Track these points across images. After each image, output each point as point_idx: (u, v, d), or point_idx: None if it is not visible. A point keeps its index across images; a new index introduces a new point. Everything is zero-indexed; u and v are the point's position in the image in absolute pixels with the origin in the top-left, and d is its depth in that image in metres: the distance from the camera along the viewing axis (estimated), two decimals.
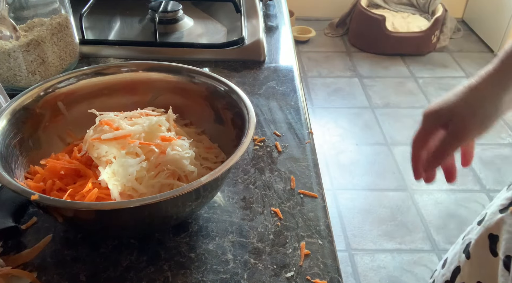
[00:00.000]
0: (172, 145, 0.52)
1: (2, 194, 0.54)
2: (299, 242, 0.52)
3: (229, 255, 0.51)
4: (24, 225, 0.52)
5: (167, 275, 0.48)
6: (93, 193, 0.47)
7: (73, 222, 0.50)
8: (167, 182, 0.50)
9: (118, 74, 0.62)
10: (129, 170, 0.49)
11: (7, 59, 0.69)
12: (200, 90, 0.61)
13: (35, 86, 0.57)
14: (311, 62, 2.78)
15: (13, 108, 0.54)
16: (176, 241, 0.52)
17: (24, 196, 0.43)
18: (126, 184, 0.49)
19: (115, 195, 0.48)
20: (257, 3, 1.01)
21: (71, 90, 0.59)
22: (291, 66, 0.86)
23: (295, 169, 0.62)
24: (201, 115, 0.61)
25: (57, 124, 0.58)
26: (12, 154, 0.51)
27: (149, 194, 0.49)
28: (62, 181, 0.51)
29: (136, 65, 0.62)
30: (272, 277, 0.49)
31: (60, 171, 0.52)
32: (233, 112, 0.57)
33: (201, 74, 0.61)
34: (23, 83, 0.72)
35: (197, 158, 0.55)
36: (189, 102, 0.61)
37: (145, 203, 0.42)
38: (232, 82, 0.59)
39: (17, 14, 0.71)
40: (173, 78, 0.62)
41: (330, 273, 0.49)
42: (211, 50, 0.86)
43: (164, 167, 0.51)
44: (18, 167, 0.51)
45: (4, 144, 0.50)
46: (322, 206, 0.57)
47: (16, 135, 0.53)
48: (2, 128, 0.51)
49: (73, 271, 0.48)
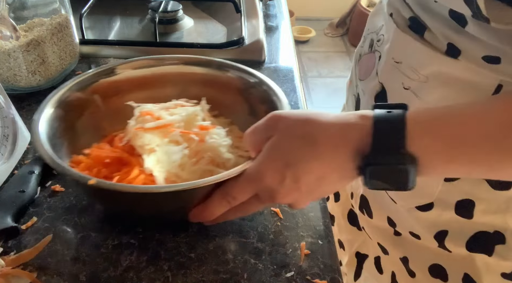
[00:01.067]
0: (210, 133, 0.54)
1: (2, 194, 0.54)
2: (299, 242, 0.52)
3: (229, 255, 0.51)
4: (24, 225, 0.52)
5: (167, 275, 0.48)
6: (140, 179, 0.49)
7: (127, 207, 0.52)
8: (207, 168, 0.52)
9: (149, 68, 0.64)
10: (173, 157, 0.51)
11: (7, 59, 0.69)
12: (233, 82, 0.62)
13: (74, 79, 0.59)
14: (311, 62, 2.78)
15: (57, 98, 0.56)
16: (176, 241, 0.52)
17: (81, 182, 0.45)
18: (170, 171, 0.51)
19: (161, 181, 0.49)
20: (257, 3, 1.01)
21: (106, 83, 0.61)
22: (291, 66, 0.86)
23: None
24: (232, 107, 0.63)
25: (93, 116, 0.60)
26: (58, 143, 0.53)
27: (191, 180, 0.50)
28: (107, 169, 0.53)
29: (172, 59, 0.64)
30: (272, 277, 0.49)
31: (105, 159, 0.54)
32: (267, 105, 0.58)
33: (234, 68, 0.63)
34: (23, 83, 0.72)
35: (231, 146, 0.56)
36: (218, 93, 0.63)
37: (213, 182, 0.45)
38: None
39: (17, 14, 0.71)
40: (203, 70, 0.64)
41: (330, 273, 0.49)
42: (211, 50, 0.86)
43: (203, 154, 0.53)
44: (62, 156, 0.53)
45: (52, 133, 0.52)
46: (322, 206, 0.57)
47: (59, 125, 0.55)
48: (49, 117, 0.54)
49: (73, 271, 0.48)
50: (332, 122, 0.41)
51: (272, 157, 0.43)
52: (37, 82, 0.73)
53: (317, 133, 0.41)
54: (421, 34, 0.50)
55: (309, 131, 0.41)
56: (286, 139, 0.42)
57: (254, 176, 0.43)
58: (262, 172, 0.43)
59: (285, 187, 0.42)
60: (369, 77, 0.59)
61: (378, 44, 0.58)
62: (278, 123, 0.43)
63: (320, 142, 0.41)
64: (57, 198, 0.56)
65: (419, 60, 0.50)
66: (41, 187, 0.58)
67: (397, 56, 0.53)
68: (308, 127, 0.42)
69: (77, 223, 0.53)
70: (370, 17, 0.64)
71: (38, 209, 0.55)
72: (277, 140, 0.42)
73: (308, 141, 0.41)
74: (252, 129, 0.46)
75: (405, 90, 0.52)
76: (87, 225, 0.53)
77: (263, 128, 0.45)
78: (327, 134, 0.41)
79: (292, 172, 0.41)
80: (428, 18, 0.49)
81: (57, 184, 0.58)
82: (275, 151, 0.43)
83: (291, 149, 0.42)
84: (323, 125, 0.41)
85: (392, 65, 0.54)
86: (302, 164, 0.41)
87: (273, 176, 0.42)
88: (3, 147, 0.58)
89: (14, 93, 0.73)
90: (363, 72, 0.61)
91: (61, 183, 0.58)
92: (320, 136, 0.41)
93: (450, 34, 0.46)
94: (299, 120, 0.42)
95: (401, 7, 0.53)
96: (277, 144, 0.42)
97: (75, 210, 0.55)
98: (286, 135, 0.42)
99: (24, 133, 0.62)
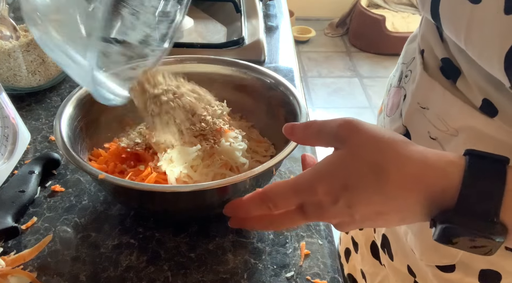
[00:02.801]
0: (226, 136, 0.54)
1: (2, 194, 0.54)
2: (299, 242, 0.52)
3: (229, 255, 0.51)
4: (24, 225, 0.52)
5: (167, 275, 0.48)
6: (152, 177, 0.50)
7: (141, 205, 0.53)
8: (220, 171, 0.52)
9: (172, 65, 0.63)
10: (186, 158, 0.52)
11: (7, 59, 0.69)
12: (254, 85, 0.62)
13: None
14: (311, 62, 2.78)
15: (80, 94, 0.56)
16: (176, 241, 0.52)
17: (92, 176, 0.46)
18: (182, 171, 0.51)
19: (172, 181, 0.50)
20: (257, 3, 1.01)
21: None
22: (291, 66, 0.86)
23: (295, 169, 0.62)
24: (253, 110, 0.63)
25: (116, 110, 0.60)
26: (78, 137, 0.54)
27: (203, 182, 0.50)
28: (124, 164, 0.54)
29: (193, 58, 0.65)
30: (272, 277, 0.49)
31: (122, 154, 0.55)
32: (286, 108, 0.58)
33: (255, 70, 0.63)
34: (23, 83, 0.72)
35: (248, 151, 0.56)
36: (241, 96, 0.63)
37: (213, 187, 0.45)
38: None
39: (17, 14, 0.71)
40: (228, 72, 0.64)
41: (330, 273, 0.49)
42: (211, 50, 0.86)
43: (217, 157, 0.53)
44: (82, 149, 0.54)
45: (72, 128, 0.53)
46: None
47: (81, 119, 0.56)
48: (70, 113, 0.54)
49: (73, 271, 0.48)
50: (412, 158, 0.34)
51: (332, 173, 0.37)
52: (37, 82, 0.73)
53: (390, 168, 0.35)
54: (453, 79, 0.43)
55: (381, 161, 0.35)
56: (353, 159, 0.36)
57: (304, 186, 0.38)
58: (315, 186, 0.37)
59: (337, 209, 0.37)
60: (394, 116, 0.53)
61: (405, 81, 0.51)
62: (351, 137, 0.37)
63: (391, 179, 0.34)
64: (57, 198, 0.56)
65: (448, 111, 0.44)
66: (41, 187, 0.58)
67: (423, 101, 0.46)
68: (382, 156, 0.35)
69: (77, 223, 0.53)
70: (406, 44, 0.56)
71: (38, 209, 0.55)
72: (342, 156, 0.37)
73: (377, 172, 0.35)
74: (317, 127, 0.40)
75: (431, 139, 0.46)
76: (87, 225, 0.53)
77: (333, 134, 0.38)
78: (402, 173, 0.34)
79: (348, 197, 0.36)
80: (465, 63, 0.42)
81: (57, 184, 0.58)
82: (337, 167, 0.37)
83: (355, 172, 0.36)
84: (401, 159, 0.35)
85: (418, 109, 0.47)
86: (362, 194, 0.35)
87: (326, 193, 0.37)
88: (3, 147, 0.58)
89: (14, 93, 0.73)
90: (390, 108, 0.54)
91: (61, 183, 0.58)
92: (392, 171, 0.34)
93: (488, 89, 0.39)
94: (376, 143, 0.36)
95: (436, 44, 0.46)
96: (342, 161, 0.37)
97: (75, 210, 0.55)
98: (355, 155, 0.36)
99: (24, 133, 0.62)
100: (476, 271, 0.47)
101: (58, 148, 0.58)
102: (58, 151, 0.62)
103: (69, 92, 0.61)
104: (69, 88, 0.77)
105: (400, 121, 0.51)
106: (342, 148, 0.37)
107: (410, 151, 0.35)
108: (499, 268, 0.46)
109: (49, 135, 0.66)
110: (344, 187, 0.36)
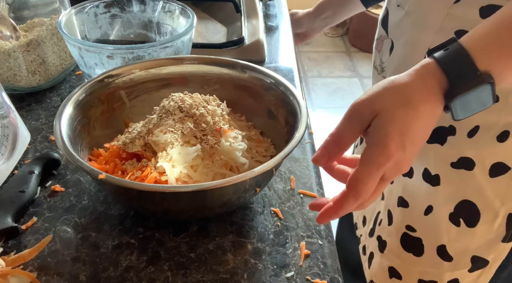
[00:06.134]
0: (226, 136, 0.55)
1: (2, 194, 0.54)
2: (299, 242, 0.52)
3: (229, 255, 0.51)
4: (24, 225, 0.52)
5: (167, 275, 0.48)
6: (152, 177, 0.50)
7: (139, 205, 0.53)
8: (220, 171, 0.53)
9: (174, 66, 0.64)
10: (186, 158, 0.52)
11: (7, 59, 0.69)
12: (254, 85, 0.62)
13: (99, 75, 0.60)
14: (311, 62, 2.78)
15: (79, 94, 0.57)
16: (176, 241, 0.52)
17: (92, 176, 0.46)
18: (182, 171, 0.51)
19: (172, 181, 0.50)
20: (257, 3, 1.01)
21: (132, 80, 0.62)
22: (291, 66, 0.86)
23: (295, 169, 0.62)
24: (253, 110, 0.63)
25: (118, 111, 0.62)
26: (78, 137, 0.54)
27: (203, 182, 0.51)
28: (124, 164, 0.54)
29: (193, 58, 0.65)
30: (272, 277, 0.49)
31: (122, 154, 0.55)
32: (286, 108, 0.58)
33: (255, 70, 0.63)
34: (23, 83, 0.72)
35: (248, 151, 0.56)
36: (241, 96, 0.63)
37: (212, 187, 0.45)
38: None
39: (17, 14, 0.71)
40: (228, 72, 0.64)
41: (330, 273, 0.49)
42: (211, 50, 0.86)
43: (217, 157, 0.53)
44: (82, 149, 0.54)
45: (72, 128, 0.53)
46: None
47: (82, 119, 0.56)
48: (70, 113, 0.54)
49: (73, 271, 0.48)
50: (411, 80, 0.44)
51: (387, 133, 0.43)
52: (37, 82, 0.73)
53: (411, 95, 0.43)
54: None
55: (405, 97, 0.43)
56: (388, 113, 0.43)
57: (381, 158, 0.43)
58: (386, 151, 0.43)
59: (407, 153, 0.43)
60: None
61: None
62: (373, 105, 0.44)
63: (416, 101, 0.43)
64: (57, 198, 0.56)
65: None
66: (41, 187, 0.58)
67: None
68: (400, 94, 0.44)
69: (77, 223, 0.53)
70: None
71: (38, 209, 0.55)
72: (381, 118, 0.43)
73: (408, 105, 0.43)
74: (339, 128, 0.45)
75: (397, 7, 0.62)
76: (87, 225, 0.53)
77: (354, 119, 0.45)
78: (418, 92, 0.43)
79: (409, 137, 0.43)
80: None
81: (57, 184, 0.58)
82: (386, 127, 0.43)
83: (398, 118, 0.43)
84: (409, 86, 0.44)
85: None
86: (414, 126, 0.43)
87: (397, 149, 0.43)
88: (3, 147, 0.58)
89: (14, 93, 0.73)
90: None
91: (61, 183, 0.58)
92: (413, 96, 0.43)
93: None
94: (387, 92, 0.44)
95: None
96: (384, 121, 0.43)
97: (75, 210, 0.55)
98: (387, 110, 0.43)
99: (24, 133, 0.62)
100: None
101: (58, 148, 0.58)
102: (58, 151, 0.62)
103: (69, 92, 0.61)
104: (69, 88, 0.77)
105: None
106: (376, 115, 0.43)
107: (402, 79, 0.44)
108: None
109: (49, 135, 0.66)
110: (401, 133, 0.43)
